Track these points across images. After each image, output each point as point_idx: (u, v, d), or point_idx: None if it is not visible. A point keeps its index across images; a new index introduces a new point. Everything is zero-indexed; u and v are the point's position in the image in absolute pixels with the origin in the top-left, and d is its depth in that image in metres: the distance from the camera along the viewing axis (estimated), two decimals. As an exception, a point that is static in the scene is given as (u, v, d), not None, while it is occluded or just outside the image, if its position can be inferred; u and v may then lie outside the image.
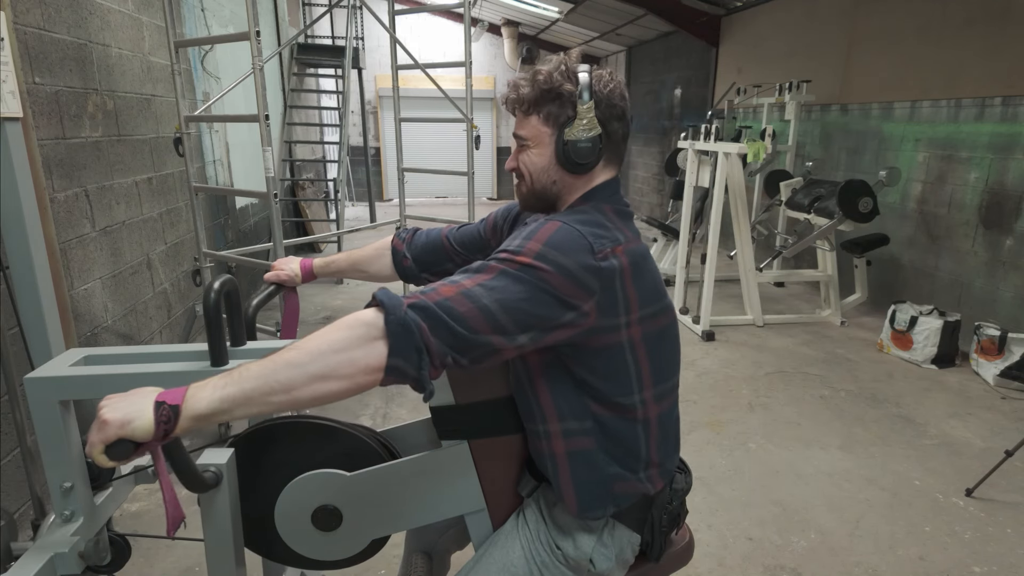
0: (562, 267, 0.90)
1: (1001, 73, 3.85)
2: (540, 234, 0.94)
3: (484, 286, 0.88)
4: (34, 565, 1.01)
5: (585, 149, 1.02)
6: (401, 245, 1.42)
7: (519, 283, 0.89)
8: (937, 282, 4.36)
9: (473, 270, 0.92)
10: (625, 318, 0.97)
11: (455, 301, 0.86)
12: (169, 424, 0.78)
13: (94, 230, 2.70)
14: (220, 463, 1.03)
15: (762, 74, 6.17)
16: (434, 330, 0.84)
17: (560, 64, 1.04)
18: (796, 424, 3.09)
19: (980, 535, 2.26)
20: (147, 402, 0.79)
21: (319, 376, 0.80)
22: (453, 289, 0.88)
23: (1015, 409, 3.27)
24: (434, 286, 0.89)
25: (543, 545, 1.09)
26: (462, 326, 0.85)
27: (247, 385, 0.79)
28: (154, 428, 0.78)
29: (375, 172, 11.02)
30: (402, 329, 0.82)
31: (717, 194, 4.48)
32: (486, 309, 0.86)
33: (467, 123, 3.61)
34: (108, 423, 0.77)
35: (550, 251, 0.91)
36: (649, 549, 1.13)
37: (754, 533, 2.26)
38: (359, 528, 1.11)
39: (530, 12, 9.44)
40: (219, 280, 1.09)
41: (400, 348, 0.82)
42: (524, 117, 1.07)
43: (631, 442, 1.05)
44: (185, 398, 0.79)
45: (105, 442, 0.77)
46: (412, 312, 0.83)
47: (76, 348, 1.21)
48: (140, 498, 2.42)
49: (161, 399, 0.79)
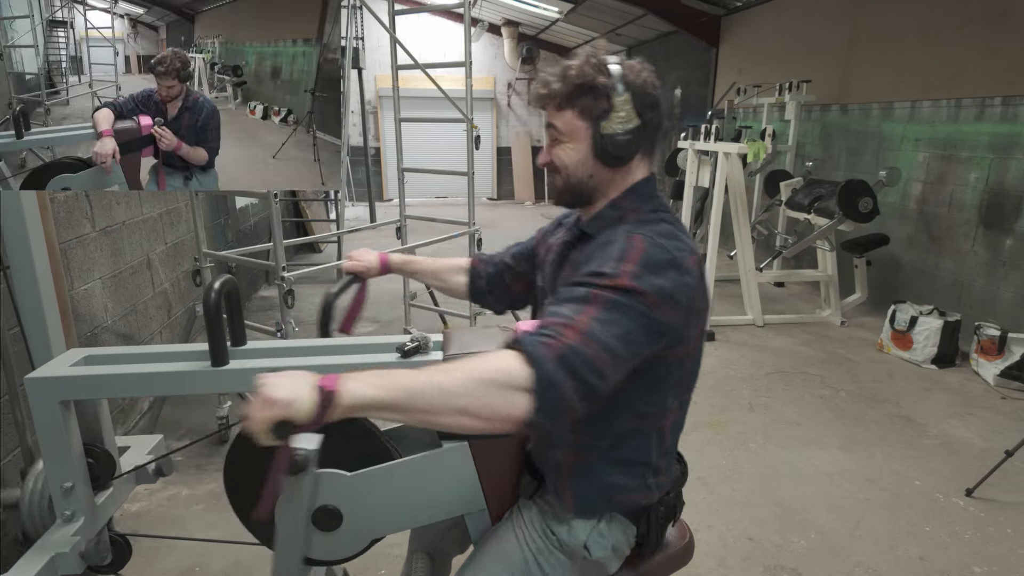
0: (659, 288, 0.92)
1: (1001, 73, 3.85)
2: (631, 254, 0.94)
3: (599, 320, 0.88)
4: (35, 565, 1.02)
5: (624, 142, 1.02)
6: (480, 266, 1.43)
7: (628, 312, 0.90)
8: (937, 282, 4.35)
9: (579, 299, 0.91)
10: (694, 330, 0.99)
11: (585, 345, 0.86)
12: (326, 410, 0.79)
13: (94, 230, 2.70)
14: (310, 448, 1.02)
15: (762, 74, 6.16)
16: (576, 387, 0.85)
17: (590, 57, 1.03)
18: (796, 424, 3.09)
19: (980, 535, 2.26)
20: (307, 385, 0.79)
21: (461, 411, 0.82)
22: (575, 330, 0.87)
23: (1015, 409, 3.27)
24: (556, 321, 0.88)
25: (537, 531, 1.09)
26: (597, 377, 0.86)
27: (398, 395, 0.80)
28: (315, 412, 0.78)
29: (375, 172, 11.01)
30: (549, 390, 0.83)
31: (717, 194, 4.48)
32: (613, 354, 0.87)
33: (467, 123, 3.61)
34: (276, 402, 0.77)
35: (645, 272, 0.92)
36: (645, 541, 1.14)
37: (754, 533, 2.26)
38: (359, 528, 1.11)
39: (530, 12, 9.44)
40: (219, 280, 1.10)
41: (544, 408, 0.83)
42: (557, 112, 1.06)
43: (642, 451, 1.06)
44: (341, 387, 0.80)
45: (272, 421, 0.77)
46: (559, 369, 0.84)
47: (76, 348, 1.21)
48: (140, 498, 2.42)
49: (320, 384, 0.79)
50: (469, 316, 3.94)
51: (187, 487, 2.49)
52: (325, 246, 6.83)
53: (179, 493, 2.46)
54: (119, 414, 2.83)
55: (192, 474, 2.56)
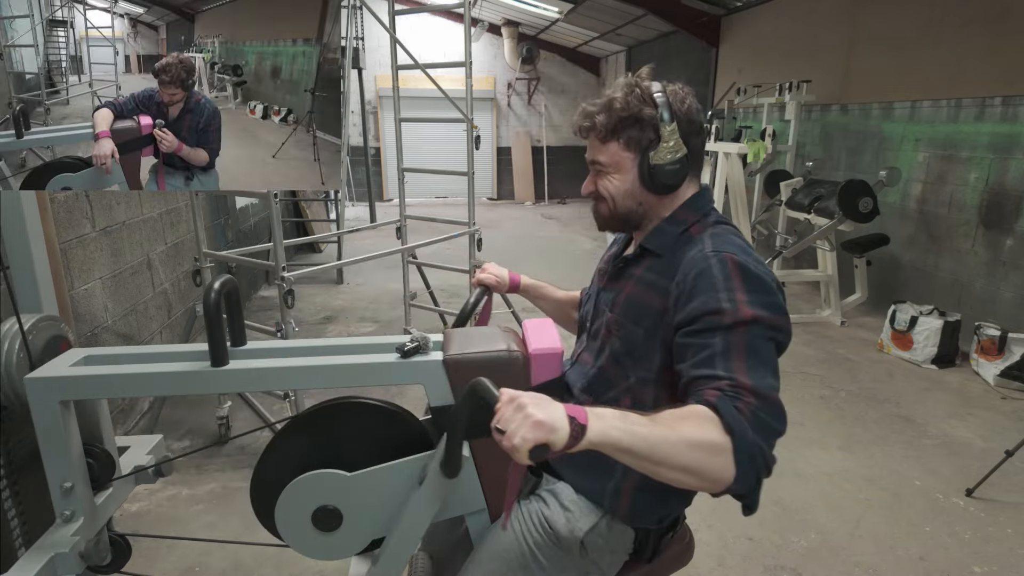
0: (771, 304, 0.95)
1: (1001, 73, 3.85)
2: (734, 281, 0.95)
3: (750, 367, 0.91)
4: (34, 565, 1.02)
5: (673, 171, 1.03)
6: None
7: (764, 346, 0.93)
8: (937, 282, 4.35)
9: (721, 351, 0.92)
10: None
11: (764, 398, 0.89)
12: (575, 441, 0.79)
13: (94, 230, 2.70)
14: (465, 455, 1.03)
15: (762, 74, 6.16)
16: (770, 450, 0.88)
17: (634, 88, 1.04)
18: (796, 424, 3.09)
19: (980, 535, 2.26)
20: (562, 414, 0.79)
21: (685, 469, 0.83)
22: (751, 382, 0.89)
23: (1015, 409, 3.27)
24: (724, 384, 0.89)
25: (535, 525, 1.09)
26: (781, 426, 0.90)
27: (636, 443, 0.81)
28: (568, 441, 0.78)
29: (375, 172, 11.01)
30: (750, 462, 0.85)
31: (717, 194, 4.48)
32: (776, 390, 0.92)
33: (467, 123, 3.61)
34: (542, 425, 0.77)
35: (754, 294, 0.95)
36: (642, 549, 1.14)
37: (754, 533, 2.26)
38: (359, 528, 1.11)
39: (530, 12, 9.44)
40: (219, 280, 1.09)
41: (745, 477, 0.86)
42: (601, 144, 1.06)
43: None
44: (589, 421, 0.80)
45: (537, 441, 0.77)
46: (758, 438, 0.86)
47: (76, 348, 1.20)
48: (140, 498, 2.42)
49: (572, 414, 0.79)
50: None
51: (187, 487, 2.49)
52: (325, 246, 6.83)
53: (179, 493, 2.46)
54: (119, 414, 2.83)
55: (192, 474, 2.56)
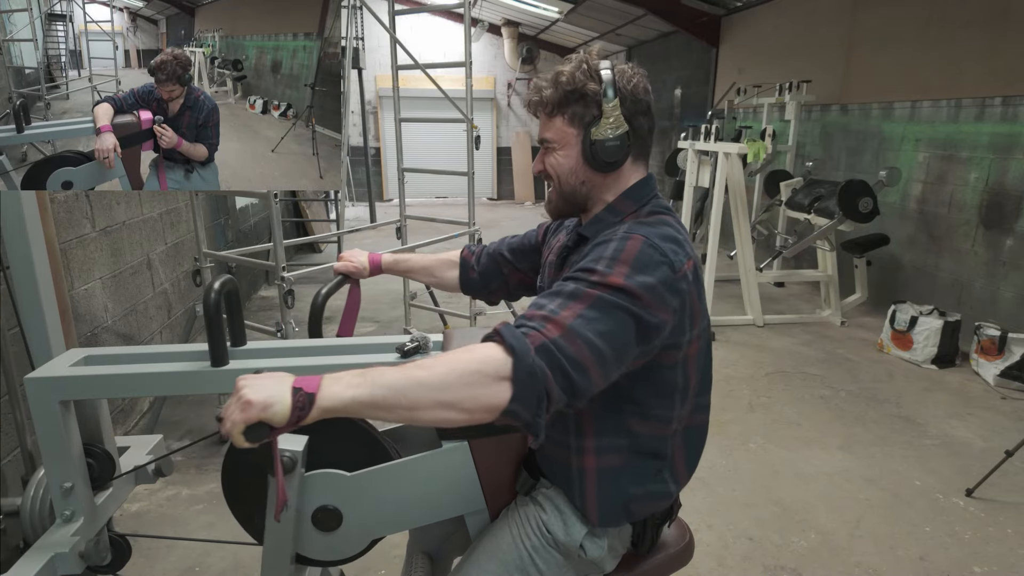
0: (649, 287, 0.91)
1: (1001, 73, 3.85)
2: (626, 253, 0.94)
3: (585, 318, 0.88)
4: (34, 565, 1.01)
5: (613, 147, 1.02)
6: (471, 258, 1.43)
7: (617, 311, 0.89)
8: (937, 282, 4.35)
9: (567, 295, 0.91)
10: (689, 335, 0.99)
11: (568, 340, 0.85)
12: (303, 412, 0.78)
13: (94, 230, 2.70)
14: (296, 449, 1.02)
15: (762, 74, 6.16)
16: (555, 378, 0.84)
17: (582, 63, 1.03)
18: (796, 424, 3.09)
19: (980, 535, 2.26)
20: (285, 387, 0.79)
21: (444, 404, 0.81)
22: (558, 324, 0.87)
23: (1015, 409, 3.27)
24: (539, 315, 0.88)
25: (533, 529, 1.09)
26: (580, 374, 0.85)
27: (377, 393, 0.80)
28: (290, 414, 0.78)
29: (375, 172, 11.01)
30: (529, 378, 0.82)
31: (717, 194, 4.47)
32: (597, 352, 0.86)
33: (467, 123, 3.61)
34: (252, 404, 0.77)
35: (637, 272, 0.91)
36: (640, 542, 1.14)
37: (754, 533, 2.26)
38: (359, 528, 1.11)
39: (530, 12, 9.44)
40: (219, 280, 1.09)
41: (523, 396, 0.82)
42: (548, 119, 1.06)
43: (660, 455, 1.06)
44: (320, 389, 0.79)
45: (247, 422, 0.77)
46: (539, 358, 0.83)
47: (76, 348, 1.20)
48: (140, 498, 2.42)
49: (298, 385, 0.79)
50: (469, 316, 3.94)
51: (187, 487, 2.49)
52: (325, 246, 6.83)
53: (179, 493, 2.46)
54: (119, 414, 2.83)
55: (192, 474, 2.56)
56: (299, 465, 1.03)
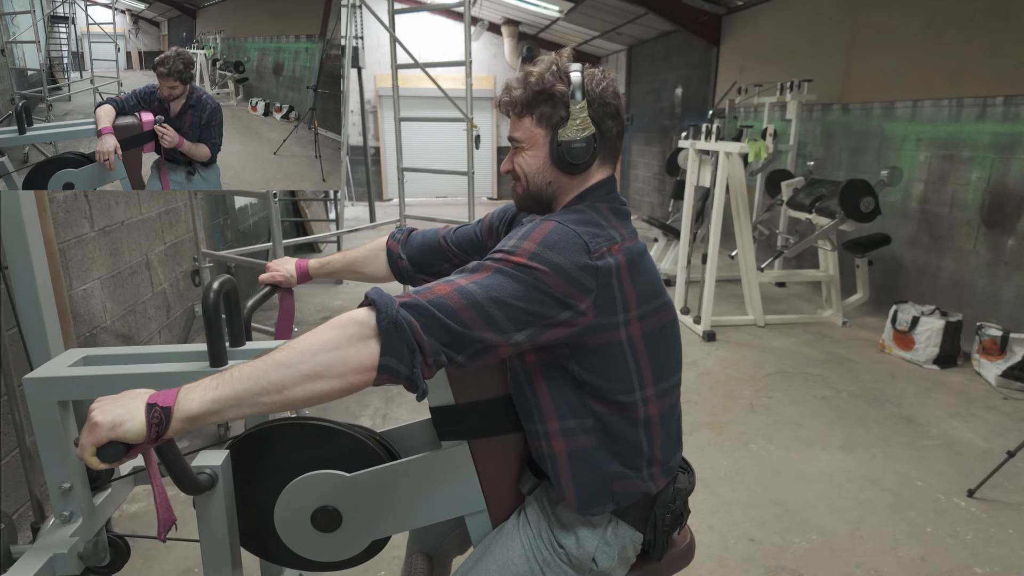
0: (557, 266, 0.90)
1: (1003, 72, 3.84)
2: (535, 234, 0.94)
3: (479, 284, 0.88)
4: (33, 566, 1.01)
5: (579, 149, 1.02)
6: (396, 246, 1.42)
7: (514, 281, 0.89)
8: (939, 282, 4.35)
9: (469, 270, 0.92)
10: (624, 316, 0.97)
11: (448, 298, 0.86)
12: (161, 426, 0.78)
13: (93, 230, 2.70)
14: (215, 465, 1.02)
15: (763, 73, 6.16)
16: (427, 328, 0.84)
17: (551, 64, 1.03)
18: (797, 425, 3.09)
19: (982, 536, 2.25)
20: (139, 404, 0.78)
21: (311, 375, 0.80)
22: (447, 287, 0.88)
23: (1017, 409, 3.26)
24: (428, 286, 0.89)
25: (545, 543, 1.08)
26: (455, 322, 0.85)
27: (238, 386, 0.79)
28: (146, 430, 0.77)
29: (375, 172, 11.01)
30: (394, 328, 0.82)
31: (718, 194, 4.47)
32: (479, 305, 0.86)
33: (467, 123, 3.60)
34: (99, 425, 0.76)
35: (545, 251, 0.91)
36: (651, 548, 1.13)
37: (755, 534, 2.26)
38: (359, 529, 1.10)
39: (530, 11, 9.43)
40: (218, 280, 1.09)
41: (392, 347, 0.82)
42: (517, 119, 1.06)
43: (633, 440, 1.05)
44: (177, 400, 0.79)
45: (95, 444, 0.76)
46: (404, 310, 0.83)
47: (75, 348, 1.20)
48: (139, 499, 2.41)
49: (153, 401, 0.78)
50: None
51: (187, 487, 2.48)
52: (325, 246, 6.83)
53: (178, 494, 2.45)
54: (118, 414, 2.82)
55: (192, 474, 2.55)
56: (219, 482, 1.02)
